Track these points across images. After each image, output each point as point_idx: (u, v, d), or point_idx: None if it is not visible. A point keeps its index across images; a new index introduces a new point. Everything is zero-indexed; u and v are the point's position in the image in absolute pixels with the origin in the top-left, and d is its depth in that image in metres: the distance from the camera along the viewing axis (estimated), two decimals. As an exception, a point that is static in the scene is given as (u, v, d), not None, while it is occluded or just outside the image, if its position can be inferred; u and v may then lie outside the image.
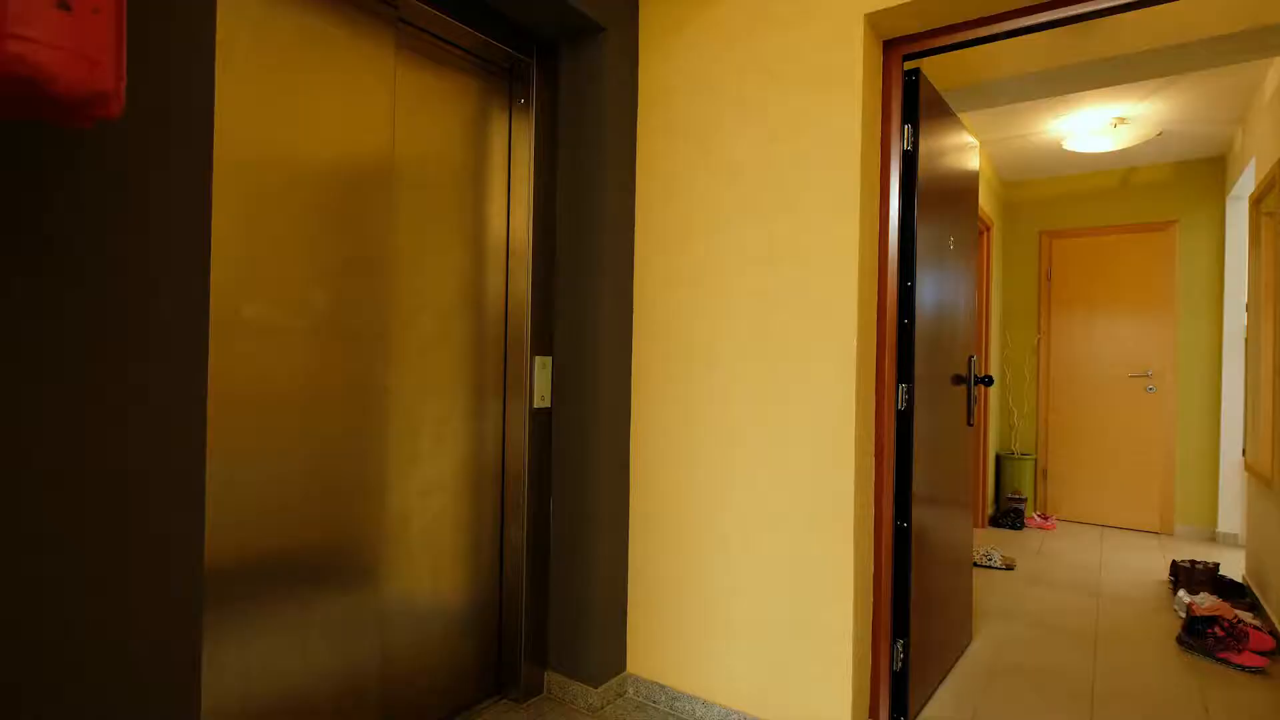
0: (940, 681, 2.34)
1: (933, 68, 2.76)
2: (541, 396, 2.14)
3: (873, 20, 1.84)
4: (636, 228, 2.23)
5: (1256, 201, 3.32)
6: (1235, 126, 4.00)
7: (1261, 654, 2.55)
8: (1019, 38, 2.59)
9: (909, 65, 2.11)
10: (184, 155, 1.17)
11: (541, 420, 2.15)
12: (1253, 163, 3.58)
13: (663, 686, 2.11)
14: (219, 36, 1.40)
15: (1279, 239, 2.86)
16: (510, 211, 2.15)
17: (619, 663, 2.17)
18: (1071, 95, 3.56)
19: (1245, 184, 3.94)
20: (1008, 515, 4.66)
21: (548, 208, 2.16)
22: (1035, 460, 5.03)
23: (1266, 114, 3.24)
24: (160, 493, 1.14)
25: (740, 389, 2.00)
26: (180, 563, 1.17)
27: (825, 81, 1.87)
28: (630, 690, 2.18)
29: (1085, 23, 2.43)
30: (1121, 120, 3.89)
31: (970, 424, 2.55)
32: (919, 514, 2.09)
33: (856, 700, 1.84)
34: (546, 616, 2.18)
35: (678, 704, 2.08)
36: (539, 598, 2.15)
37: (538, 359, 2.12)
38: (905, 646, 2.02)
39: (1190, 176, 4.58)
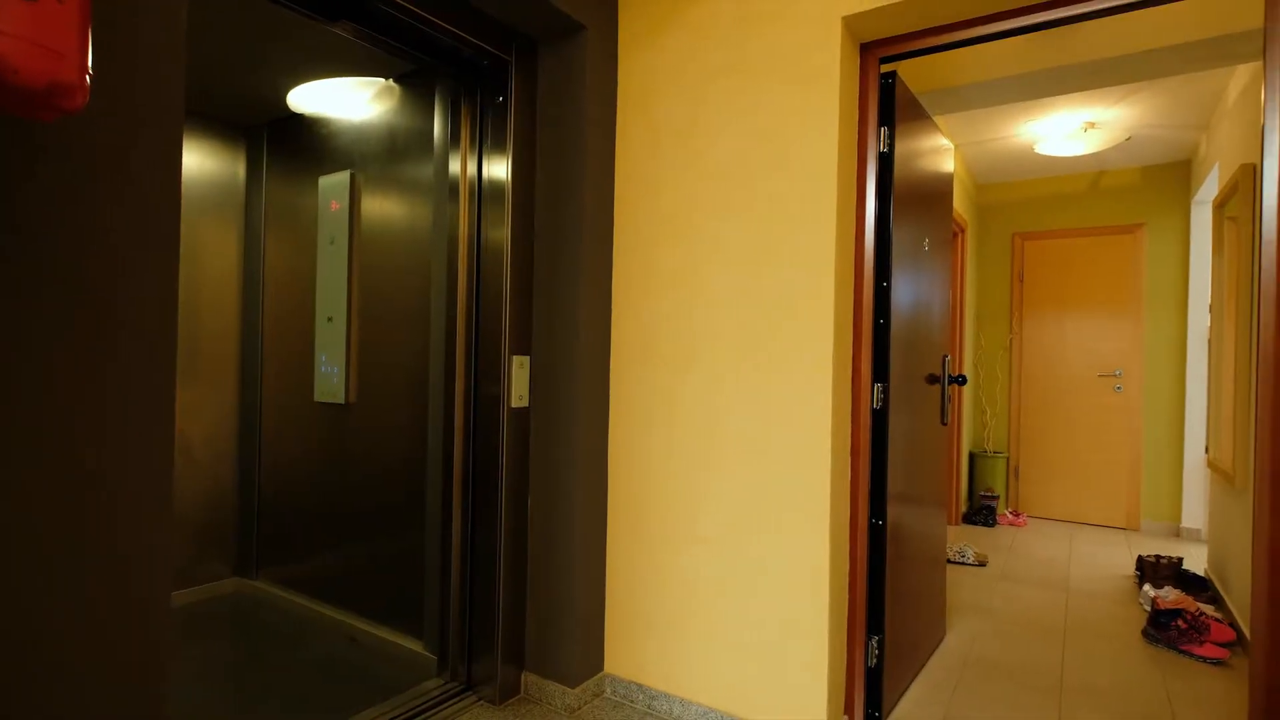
0: (914, 677, 2.37)
1: (909, 71, 2.79)
2: (519, 396, 2.13)
3: (850, 23, 1.85)
4: (616, 227, 2.23)
5: (1220, 206, 3.41)
6: (1200, 132, 4.10)
7: (1222, 645, 2.63)
8: (993, 42, 2.63)
9: (885, 68, 2.13)
10: (152, 150, 1.15)
11: (519, 419, 2.14)
12: (1216, 168, 3.68)
13: (640, 686, 2.12)
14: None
15: (1241, 242, 2.95)
16: (484, 209, 2.13)
17: (596, 662, 2.17)
18: (1044, 99, 3.62)
19: (1209, 188, 4.05)
20: (980, 512, 4.74)
21: (526, 206, 2.15)
22: (1007, 458, 5.12)
23: (1229, 120, 3.33)
24: (129, 494, 1.12)
25: (718, 388, 2.01)
26: (145, 567, 1.14)
27: (803, 83, 1.88)
28: (608, 690, 2.18)
29: (1058, 29, 2.47)
30: (1092, 125, 3.97)
31: (944, 423, 2.59)
32: (894, 512, 2.12)
33: (832, 697, 1.86)
34: (524, 616, 2.17)
35: (655, 703, 2.08)
36: (516, 597, 2.15)
37: (515, 358, 2.11)
38: (880, 643, 2.04)
39: (1157, 181, 4.69)
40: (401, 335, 2.53)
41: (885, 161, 2.05)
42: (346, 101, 2.76)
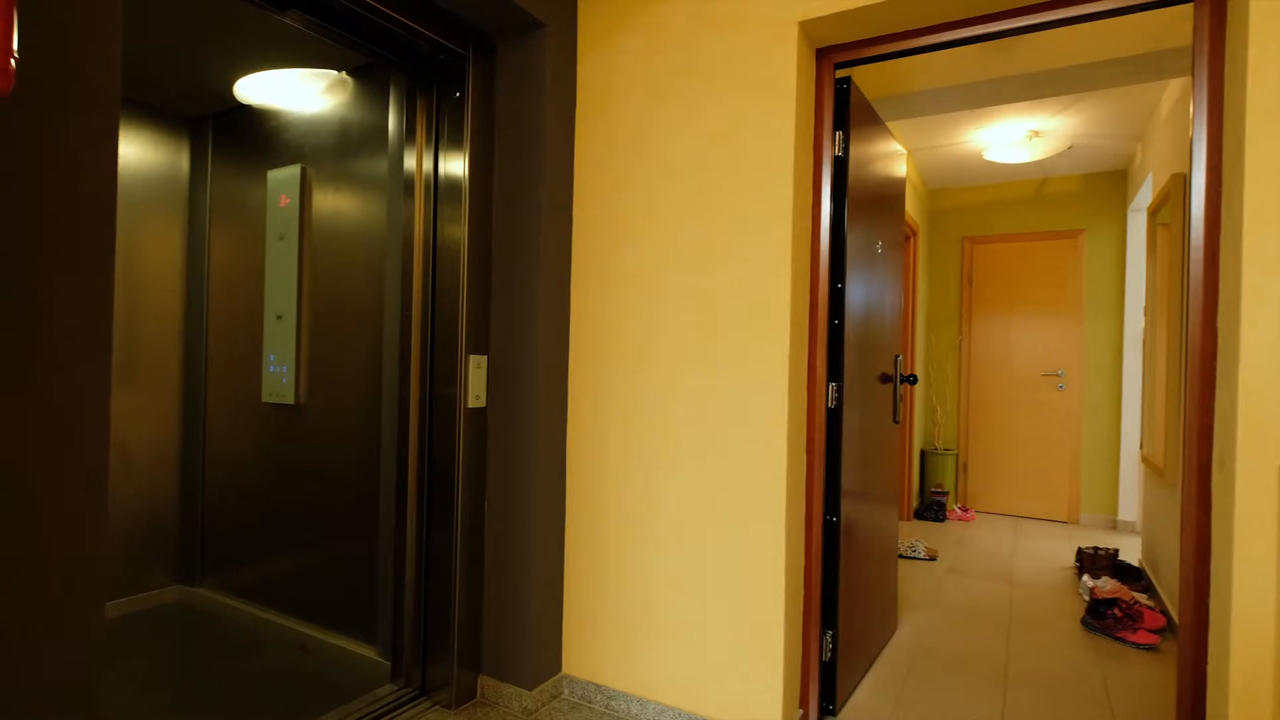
0: (867, 669, 2.42)
1: (863, 77, 2.85)
2: (476, 396, 2.10)
3: (806, 28, 1.88)
4: (574, 226, 2.22)
5: (1153, 213, 3.57)
6: (1135, 143, 4.30)
7: (1154, 632, 2.76)
8: (943, 51, 2.71)
9: (840, 74, 2.17)
10: (86, 139, 1.10)
11: (476, 420, 2.11)
12: (1150, 177, 3.86)
13: (599, 686, 2.11)
14: None
15: (1172, 248, 3.10)
16: (440, 207, 2.10)
17: (554, 664, 2.16)
18: (991, 108, 3.74)
19: (1144, 196, 4.24)
20: (931, 508, 4.88)
21: (484, 204, 2.13)
22: (956, 455, 5.28)
23: (1162, 132, 3.49)
24: (58, 499, 1.07)
25: (676, 388, 2.02)
26: (76, 575, 1.09)
27: (761, 86, 1.90)
28: (566, 691, 2.17)
29: (1003, 40, 2.56)
30: (1036, 133, 4.12)
31: (896, 421, 2.65)
32: (848, 508, 2.16)
33: (787, 691, 1.89)
34: (480, 619, 2.15)
35: (614, 703, 2.08)
36: (473, 600, 2.12)
37: (473, 358, 2.08)
38: (834, 637, 2.08)
39: (1097, 188, 4.89)
40: (354, 334, 2.48)
41: (840, 165, 2.09)
42: (297, 93, 2.69)
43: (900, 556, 3.89)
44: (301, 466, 2.63)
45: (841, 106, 2.08)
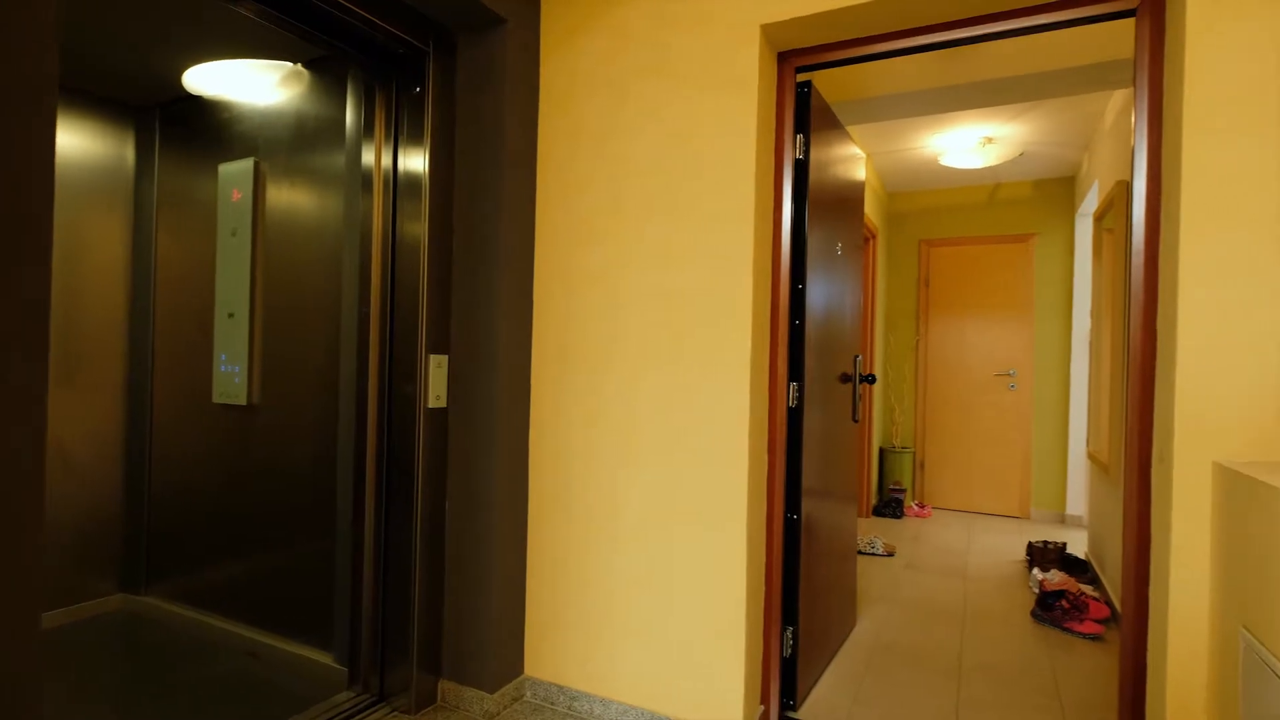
0: (827, 664, 2.46)
1: (824, 81, 2.90)
2: (437, 396, 2.07)
3: (768, 32, 1.90)
4: (537, 225, 2.20)
5: (1099, 218, 3.71)
6: (1083, 151, 4.46)
7: (1099, 622, 2.86)
8: (902, 58, 2.77)
9: (801, 77, 2.20)
10: (18, 128, 1.04)
11: (437, 420, 2.08)
12: (1096, 184, 4.01)
13: (561, 687, 2.10)
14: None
15: (1116, 252, 3.22)
16: (399, 203, 2.06)
17: (516, 666, 2.14)
18: (947, 114, 3.84)
19: (1090, 202, 4.40)
20: (889, 505, 4.98)
21: (444, 201, 2.10)
22: (914, 453, 5.40)
23: (1107, 140, 3.63)
24: (-13, 507, 1.02)
25: (639, 387, 2.02)
26: (9, 584, 1.04)
27: (723, 88, 1.91)
28: (528, 693, 2.16)
29: (958, 49, 2.63)
30: (990, 140, 4.24)
31: (855, 420, 2.70)
32: (808, 506, 2.19)
33: (749, 688, 1.91)
34: (441, 623, 2.12)
35: (576, 704, 2.07)
36: (433, 604, 2.09)
37: (433, 357, 2.05)
38: (794, 634, 2.11)
39: (1047, 194, 5.06)
40: (310, 333, 2.42)
41: (800, 168, 2.12)
42: (249, 85, 2.61)
43: (859, 553, 3.96)
44: (254, 469, 2.55)
45: (802, 109, 2.11)
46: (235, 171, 2.58)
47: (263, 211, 2.54)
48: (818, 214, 2.22)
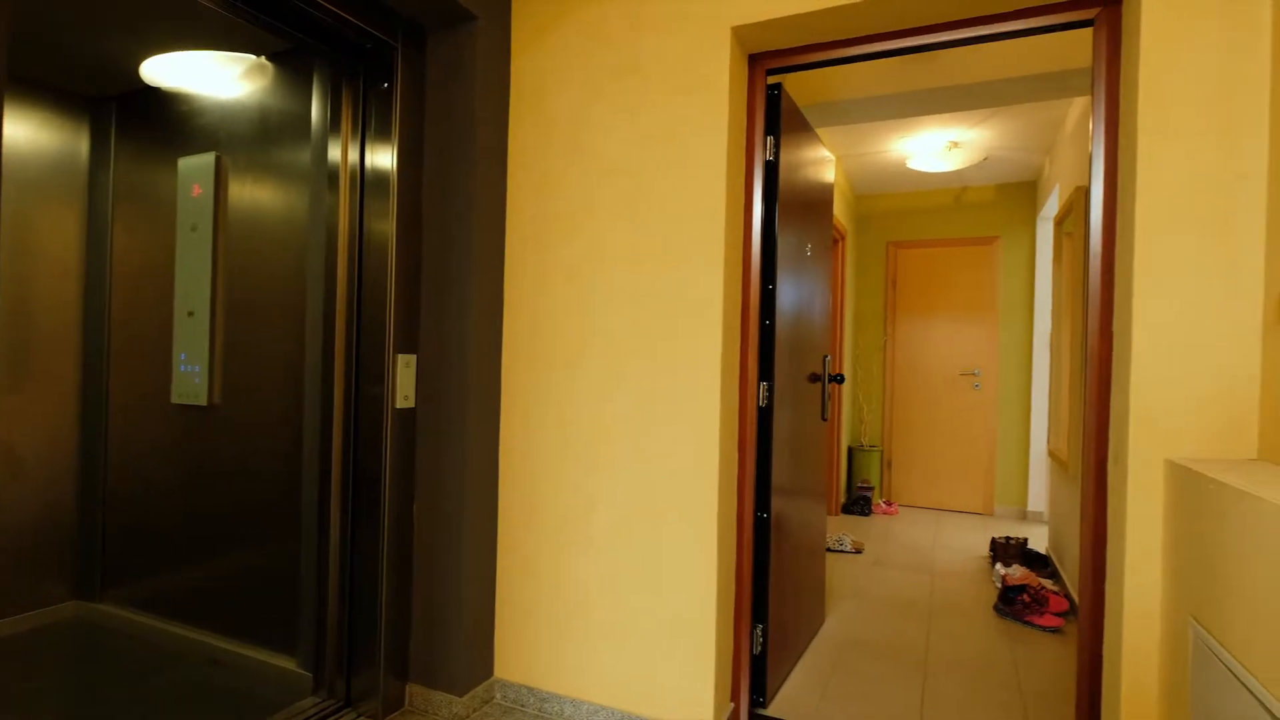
0: (797, 661, 2.49)
1: (793, 84, 2.92)
2: (405, 396, 2.04)
3: (739, 34, 1.91)
4: (508, 223, 2.19)
5: (1059, 222, 3.81)
6: (1044, 156, 4.57)
7: (1059, 615, 2.94)
8: (870, 62, 2.81)
9: (772, 80, 2.22)
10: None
11: (405, 421, 2.05)
12: (1057, 189, 4.11)
13: (532, 689, 2.09)
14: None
15: (1076, 255, 3.31)
16: (366, 200, 2.03)
17: (486, 669, 2.12)
18: (914, 118, 3.91)
19: (1051, 207, 4.52)
20: (857, 503, 5.05)
21: (413, 198, 2.07)
22: (881, 452, 5.48)
23: (1067, 146, 3.73)
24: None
25: (611, 386, 2.02)
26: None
27: (694, 89, 1.92)
28: (498, 695, 2.14)
29: (925, 54, 2.68)
30: (955, 144, 4.33)
31: (824, 419, 2.73)
32: (778, 505, 2.21)
33: (719, 685, 1.92)
34: (409, 625, 2.09)
35: (546, 705, 2.06)
36: (401, 606, 2.06)
37: (401, 357, 2.02)
38: (764, 631, 2.13)
39: (1010, 198, 5.18)
40: (274, 332, 2.36)
41: (771, 169, 2.14)
42: (211, 77, 2.54)
43: (828, 550, 4.01)
44: (215, 471, 2.49)
45: (773, 112, 2.13)
46: (196, 166, 2.51)
47: (224, 207, 2.47)
48: (788, 215, 2.24)
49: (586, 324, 2.05)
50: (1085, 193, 3.15)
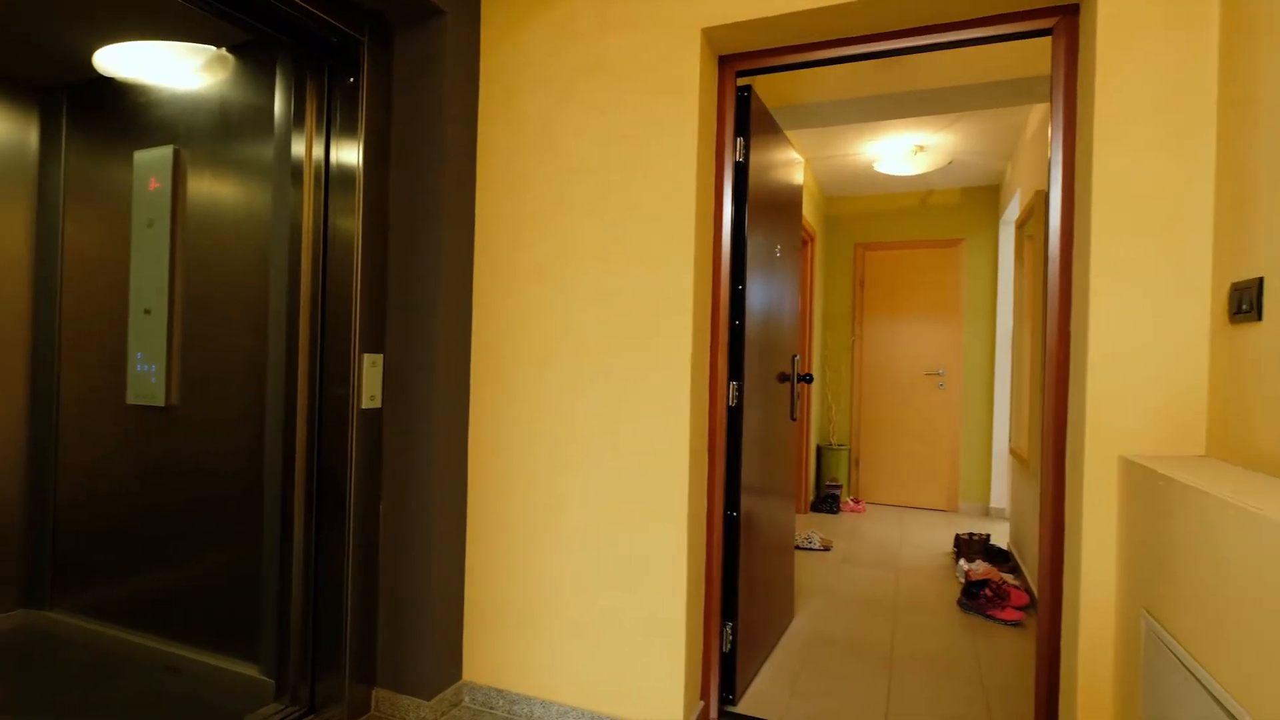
0: (766, 658, 2.51)
1: (763, 86, 2.95)
2: (371, 396, 2.01)
3: (709, 35, 1.92)
4: (477, 221, 2.17)
5: (1020, 226, 3.91)
6: (1006, 161, 4.68)
7: (1019, 609, 3.02)
8: (838, 66, 2.85)
9: (742, 81, 2.23)
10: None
11: (371, 421, 2.02)
12: (1018, 193, 4.22)
13: (501, 691, 2.07)
14: None
15: (1036, 258, 3.40)
16: (331, 197, 1.99)
17: (454, 671, 2.10)
18: (881, 122, 3.97)
19: (1013, 210, 4.63)
20: (826, 501, 5.12)
21: (380, 195, 2.03)
22: (849, 450, 5.56)
23: (1028, 152, 3.82)
24: None
25: (581, 386, 2.01)
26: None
27: (665, 89, 1.92)
28: (466, 698, 2.12)
29: (891, 59, 2.72)
30: (921, 148, 4.41)
31: (793, 418, 2.76)
32: (747, 503, 2.23)
33: (689, 684, 1.92)
34: (375, 629, 2.06)
35: (516, 707, 2.05)
36: (366, 610, 2.02)
37: (367, 356, 1.99)
38: (734, 629, 2.14)
39: (974, 201, 5.29)
40: (235, 331, 2.30)
41: (740, 170, 2.15)
42: (168, 68, 2.47)
43: (797, 548, 4.05)
44: (173, 474, 2.42)
45: (743, 113, 2.14)
46: (152, 159, 2.43)
47: (183, 202, 2.40)
48: (757, 216, 2.26)
49: (557, 323, 2.05)
50: (1045, 197, 3.24)
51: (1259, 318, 1.25)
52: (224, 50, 2.35)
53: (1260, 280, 1.25)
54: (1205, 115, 1.48)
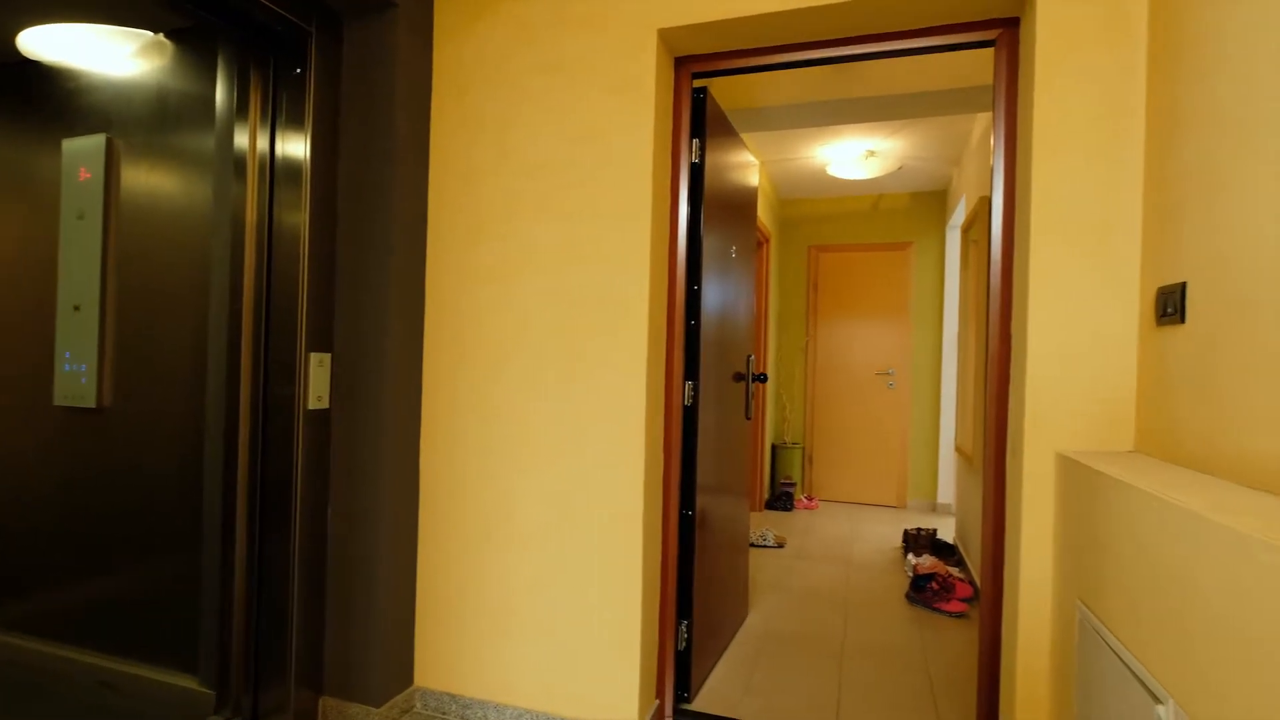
0: (721, 654, 2.54)
1: (719, 89, 2.98)
2: (319, 396, 1.95)
3: (665, 36, 1.93)
4: (430, 219, 2.13)
5: (966, 230, 4.04)
6: (953, 167, 4.84)
7: (964, 601, 3.12)
8: (792, 71, 2.90)
9: (698, 83, 2.25)
10: None
11: (318, 422, 1.96)
12: (964, 199, 4.36)
13: (454, 696, 2.04)
14: None
15: (980, 262, 3.52)
16: (277, 191, 1.93)
17: (405, 677, 2.06)
18: (833, 127, 4.05)
19: (959, 215, 4.78)
20: (780, 498, 5.20)
21: (328, 190, 1.98)
22: (803, 448, 5.66)
23: (973, 159, 3.96)
24: None
25: (535, 387, 1.99)
26: None
27: (621, 89, 1.92)
28: (418, 704, 2.08)
29: (844, 66, 2.78)
30: (872, 153, 4.51)
31: (748, 417, 2.80)
32: (703, 502, 2.25)
33: (644, 682, 1.93)
34: (323, 636, 2.00)
35: (469, 712, 2.02)
36: (313, 616, 1.97)
37: (314, 355, 1.93)
38: (689, 627, 2.16)
39: (922, 206, 5.45)
40: (173, 328, 2.21)
41: (696, 172, 2.17)
42: (100, 53, 2.35)
43: (752, 545, 4.11)
44: (105, 479, 2.30)
45: (698, 115, 2.16)
46: (83, 148, 2.31)
47: (116, 194, 2.29)
48: (713, 217, 2.28)
49: (512, 322, 2.02)
50: (988, 203, 3.35)
51: (1182, 320, 1.32)
52: (161, 36, 2.25)
53: (1184, 285, 1.32)
54: (1136, 126, 1.56)
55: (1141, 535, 1.08)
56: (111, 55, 2.36)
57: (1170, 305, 1.36)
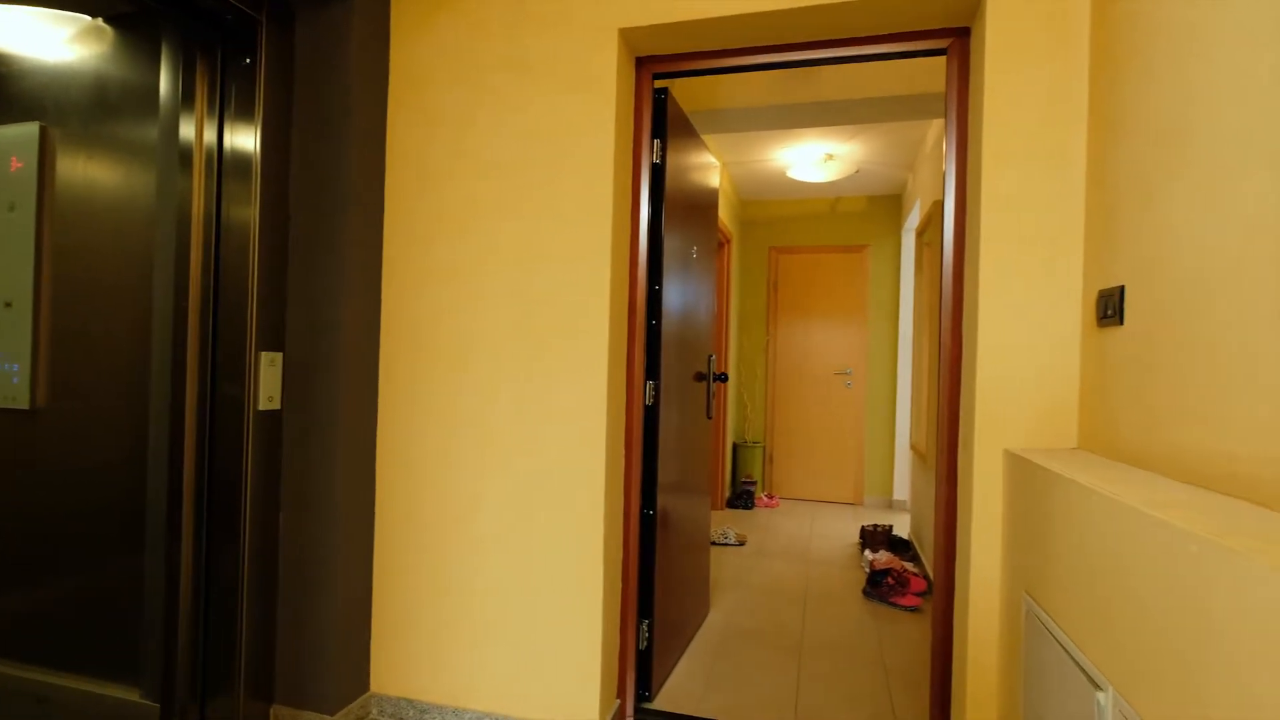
0: (682, 652, 2.55)
1: (681, 91, 2.99)
2: (269, 397, 1.89)
3: (626, 36, 1.93)
4: (387, 217, 2.09)
5: (920, 234, 4.15)
6: (908, 171, 4.95)
7: (918, 595, 3.20)
8: (752, 74, 2.93)
9: (659, 84, 2.25)
10: None
11: (269, 423, 1.91)
12: (918, 203, 4.47)
13: (411, 702, 2.01)
14: None
15: (933, 265, 3.61)
16: (225, 184, 1.87)
17: (361, 684, 2.01)
18: (792, 130, 4.11)
19: (914, 219, 4.90)
20: (741, 497, 5.25)
21: (279, 185, 1.92)
22: (764, 447, 5.73)
23: (927, 164, 4.06)
24: None
25: (495, 388, 1.97)
26: None
27: (582, 88, 1.92)
28: (374, 711, 2.04)
29: (803, 70, 2.82)
30: (830, 157, 4.59)
31: (709, 417, 2.82)
32: (664, 501, 2.25)
33: (605, 682, 1.93)
34: (274, 643, 1.94)
35: (427, 716, 1.99)
36: (264, 623, 1.91)
37: (265, 355, 1.88)
38: (650, 626, 2.16)
39: (879, 209, 5.57)
40: (114, 326, 2.12)
41: (657, 172, 2.17)
42: (32, 37, 2.24)
43: (713, 544, 4.14)
44: (40, 484, 2.20)
45: (660, 115, 2.17)
46: (14, 136, 2.20)
47: (51, 184, 2.19)
48: (674, 217, 2.29)
49: (470, 323, 2.00)
50: (941, 207, 3.44)
51: (1121, 322, 1.37)
52: (100, 21, 2.16)
53: (1122, 288, 1.37)
54: (1080, 134, 1.62)
55: (1083, 527, 1.13)
56: (46, 40, 2.25)
57: (1110, 307, 1.42)
